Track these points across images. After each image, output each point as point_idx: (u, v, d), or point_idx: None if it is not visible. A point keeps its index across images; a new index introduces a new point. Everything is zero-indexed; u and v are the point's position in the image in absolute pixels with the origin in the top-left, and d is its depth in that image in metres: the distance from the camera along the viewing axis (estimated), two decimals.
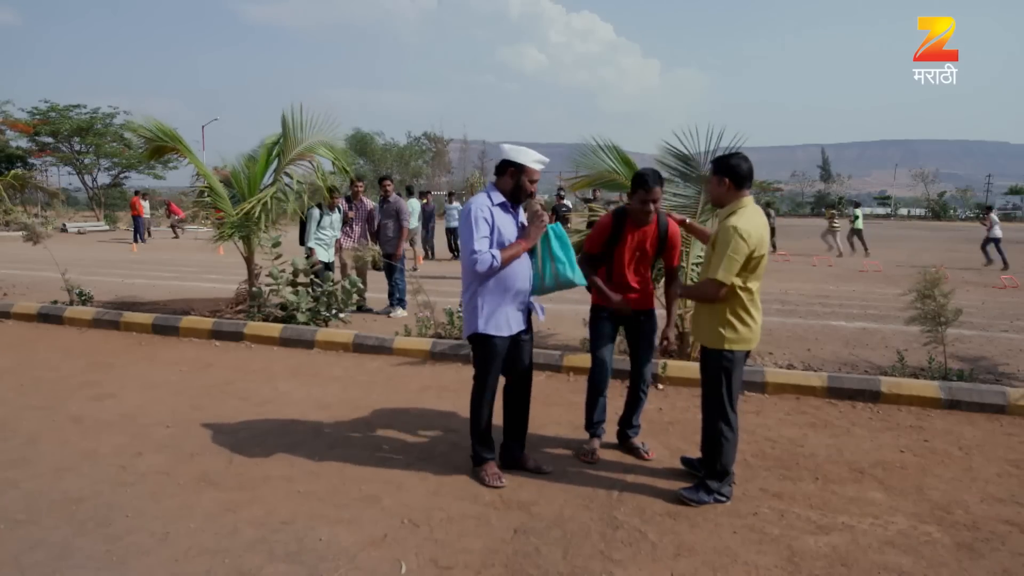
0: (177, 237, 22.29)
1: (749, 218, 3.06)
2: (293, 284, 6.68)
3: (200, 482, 3.45)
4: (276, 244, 6.57)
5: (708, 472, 3.29)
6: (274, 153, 6.81)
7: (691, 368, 5.20)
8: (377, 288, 8.60)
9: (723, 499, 3.25)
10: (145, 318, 6.86)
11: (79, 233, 24.96)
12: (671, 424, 4.40)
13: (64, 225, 25.42)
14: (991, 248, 15.44)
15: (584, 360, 5.39)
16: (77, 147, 31.70)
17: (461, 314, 6.17)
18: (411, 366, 5.66)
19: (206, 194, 7.06)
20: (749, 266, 3.05)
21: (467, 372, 5.51)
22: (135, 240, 20.00)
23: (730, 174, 3.13)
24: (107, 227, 27.59)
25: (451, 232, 16.15)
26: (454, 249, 16.05)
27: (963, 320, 7.08)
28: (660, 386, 5.12)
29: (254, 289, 6.77)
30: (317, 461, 3.72)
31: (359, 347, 6.03)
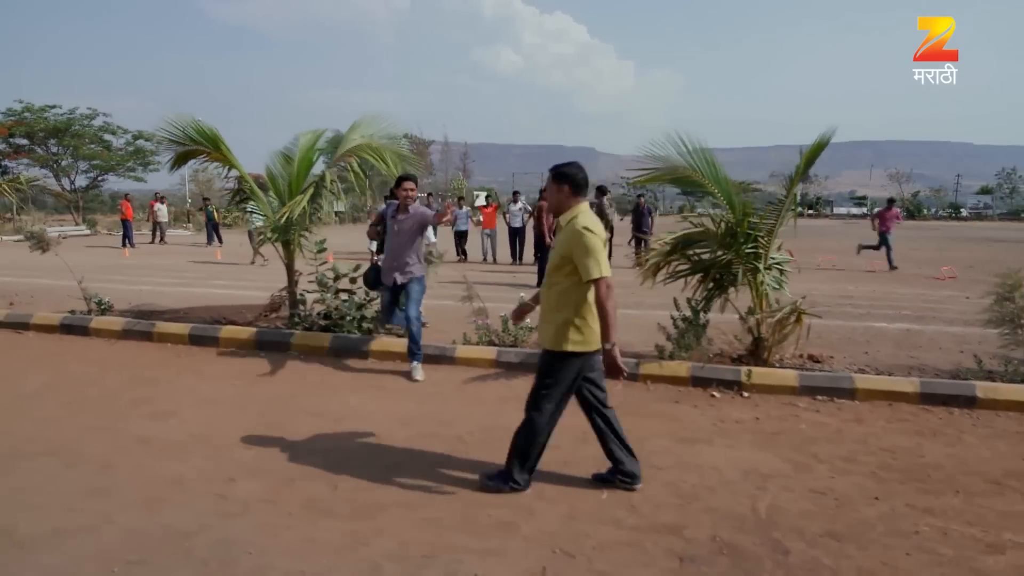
0: (163, 241, 21.52)
1: (591, 219, 3.23)
2: (336, 291, 6.37)
3: (311, 511, 3.17)
4: (322, 250, 6.26)
5: (516, 461, 3.38)
6: (316, 156, 6.49)
7: (777, 375, 5.06)
8: None
9: (519, 487, 3.35)
10: (180, 328, 6.49)
11: (61, 238, 24.01)
12: (776, 435, 4.22)
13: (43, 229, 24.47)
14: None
15: (664, 369, 5.20)
16: (54, 149, 30.60)
17: (507, 317, 5.89)
18: (479, 376, 5.41)
19: (239, 198, 6.72)
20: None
21: None
22: (124, 245, 19.32)
23: (569, 182, 3.28)
24: (88, 231, 26.67)
25: (459, 236, 15.83)
26: (461, 253, 15.76)
27: None
28: (746, 394, 4.95)
29: (298, 296, 6.44)
30: (428, 483, 3.47)
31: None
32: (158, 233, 21.33)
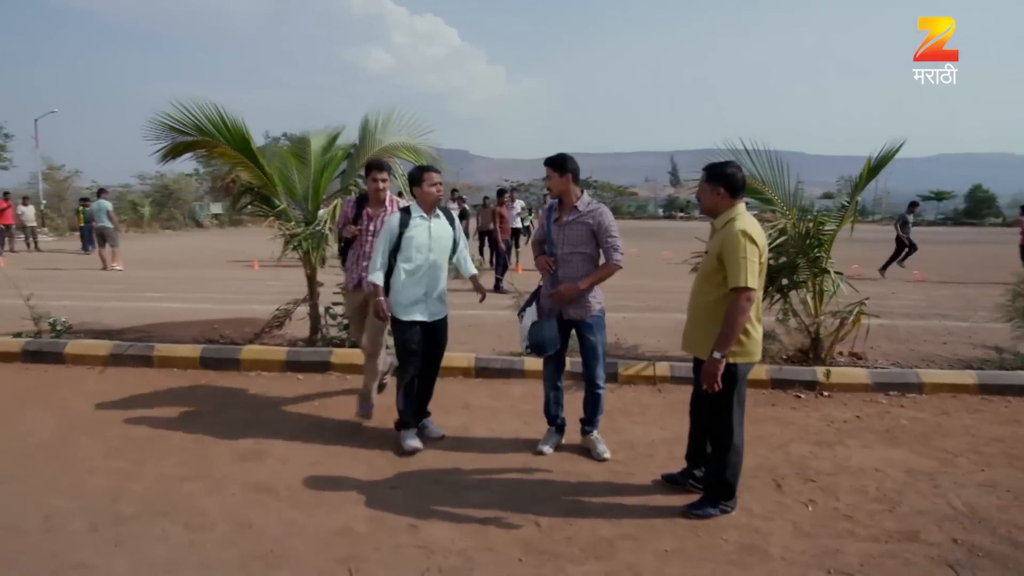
0: (37, 248, 18.73)
1: (752, 223, 3.06)
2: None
3: (539, 555, 2.83)
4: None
5: (713, 489, 3.20)
6: (342, 156, 5.87)
7: (851, 374, 5.28)
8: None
9: (728, 510, 3.20)
10: (189, 351, 5.61)
11: None
12: (889, 432, 4.38)
13: None
14: None
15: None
16: None
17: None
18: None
19: (247, 202, 5.97)
20: (759, 272, 3.01)
21: (630, 393, 5.07)
22: None
23: (725, 183, 3.09)
24: None
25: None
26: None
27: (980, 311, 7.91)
28: (825, 393, 5.12)
29: (329, 309, 5.78)
30: (627, 512, 3.24)
31: (483, 372, 5.40)
32: (30, 239, 18.54)
